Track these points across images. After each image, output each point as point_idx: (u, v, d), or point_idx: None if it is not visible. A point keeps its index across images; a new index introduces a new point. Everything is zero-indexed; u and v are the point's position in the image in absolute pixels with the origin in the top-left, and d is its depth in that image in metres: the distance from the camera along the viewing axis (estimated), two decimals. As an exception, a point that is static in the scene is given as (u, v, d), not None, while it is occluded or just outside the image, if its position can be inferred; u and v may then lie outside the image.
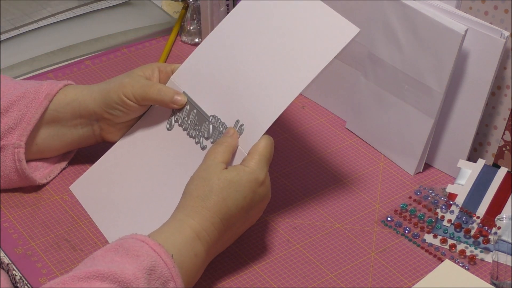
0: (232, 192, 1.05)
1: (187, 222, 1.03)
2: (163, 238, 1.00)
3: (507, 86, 1.21)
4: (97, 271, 0.93)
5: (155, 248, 0.97)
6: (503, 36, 1.16)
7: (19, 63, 1.47)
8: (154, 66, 1.22)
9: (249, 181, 1.06)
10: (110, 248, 0.97)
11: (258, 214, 1.10)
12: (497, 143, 1.24)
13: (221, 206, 1.04)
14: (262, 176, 1.07)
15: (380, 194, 1.23)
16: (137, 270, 0.94)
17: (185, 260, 1.00)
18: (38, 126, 1.19)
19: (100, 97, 1.18)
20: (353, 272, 1.11)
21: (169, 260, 0.97)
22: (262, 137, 1.10)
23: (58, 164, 1.25)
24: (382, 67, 1.27)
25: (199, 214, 1.03)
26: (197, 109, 1.18)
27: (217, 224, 1.04)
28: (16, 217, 1.18)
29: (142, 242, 0.97)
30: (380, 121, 1.29)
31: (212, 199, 1.04)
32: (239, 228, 1.08)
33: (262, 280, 1.10)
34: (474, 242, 1.14)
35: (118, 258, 0.96)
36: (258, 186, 1.07)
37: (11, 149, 1.17)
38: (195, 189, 1.05)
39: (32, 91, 1.18)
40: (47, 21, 1.56)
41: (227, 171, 1.06)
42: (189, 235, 1.02)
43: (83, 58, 1.50)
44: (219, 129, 1.15)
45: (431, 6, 1.20)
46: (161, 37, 1.56)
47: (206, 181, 1.05)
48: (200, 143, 1.16)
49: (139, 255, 0.96)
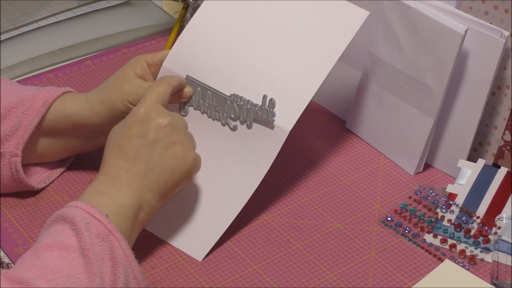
0: (117, 128, 1.09)
1: (99, 180, 1.06)
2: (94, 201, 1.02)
3: (507, 86, 1.21)
4: (44, 243, 0.96)
5: (88, 209, 0.99)
6: (503, 36, 1.16)
7: (19, 63, 1.46)
8: (141, 62, 1.19)
9: (129, 115, 1.09)
10: (52, 220, 1.00)
11: (175, 157, 1.08)
12: (497, 143, 1.24)
13: (112, 140, 1.09)
14: (141, 111, 1.08)
15: (380, 194, 1.23)
16: (77, 232, 0.96)
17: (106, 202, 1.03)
18: (37, 135, 1.18)
19: (105, 110, 1.16)
20: (353, 272, 1.11)
21: (103, 218, 0.99)
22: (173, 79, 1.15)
23: (57, 169, 1.24)
24: (382, 67, 1.27)
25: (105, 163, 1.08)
26: (211, 91, 1.17)
27: (116, 160, 1.07)
28: (16, 217, 1.18)
29: (75, 207, 0.99)
30: (380, 121, 1.29)
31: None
32: (157, 157, 1.07)
33: (262, 280, 1.10)
34: (474, 242, 1.14)
35: (59, 226, 0.98)
36: (140, 120, 1.07)
37: (8, 157, 1.16)
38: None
39: (30, 98, 1.17)
40: (47, 21, 1.56)
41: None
42: (98, 188, 1.05)
43: (83, 58, 1.50)
44: (246, 106, 1.15)
45: (431, 6, 1.20)
46: (161, 37, 1.56)
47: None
48: (229, 124, 1.16)
49: (75, 218, 0.98)
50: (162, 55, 1.20)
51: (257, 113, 1.14)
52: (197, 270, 1.11)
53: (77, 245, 0.95)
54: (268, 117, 1.14)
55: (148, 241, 1.14)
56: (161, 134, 1.07)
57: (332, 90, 1.37)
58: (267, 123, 1.14)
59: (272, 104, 1.13)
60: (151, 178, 1.06)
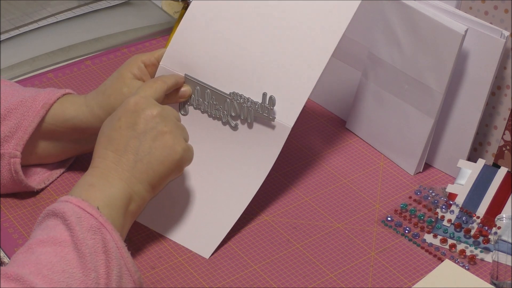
0: (108, 120, 1.09)
1: (89, 173, 1.06)
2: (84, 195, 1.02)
3: (507, 86, 1.21)
4: (37, 239, 0.96)
5: (78, 203, 0.99)
6: (503, 36, 1.16)
7: (19, 63, 1.47)
8: (138, 62, 1.19)
9: (120, 107, 1.09)
10: (44, 215, 1.00)
11: (165, 147, 1.07)
12: (497, 143, 1.24)
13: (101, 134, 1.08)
14: (131, 101, 1.08)
15: (380, 194, 1.23)
16: (69, 227, 0.96)
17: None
18: (37, 137, 1.18)
19: (104, 113, 1.16)
20: (353, 272, 1.11)
21: (94, 211, 0.98)
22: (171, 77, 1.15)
23: (57, 169, 1.24)
24: (382, 67, 1.27)
25: (96, 155, 1.08)
26: (210, 89, 1.17)
27: (107, 152, 1.06)
28: (16, 217, 1.18)
29: (66, 202, 0.99)
30: (380, 121, 1.29)
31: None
32: (145, 148, 1.07)
33: (262, 280, 1.10)
34: (474, 242, 1.14)
35: (51, 222, 0.98)
36: (130, 111, 1.07)
37: (7, 158, 1.16)
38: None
39: (30, 99, 1.16)
40: (47, 21, 1.56)
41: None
42: (88, 181, 1.04)
43: (83, 58, 1.50)
44: (246, 104, 1.15)
45: (431, 6, 1.20)
46: (161, 37, 1.56)
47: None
48: (229, 123, 1.16)
49: (66, 213, 0.98)
50: (158, 54, 1.20)
51: (257, 111, 1.14)
52: (197, 270, 1.11)
53: (69, 240, 0.95)
54: (269, 114, 1.14)
55: (148, 241, 1.14)
56: (150, 124, 1.07)
57: (332, 90, 1.37)
58: (268, 120, 1.14)
59: (272, 102, 1.13)
60: (140, 169, 1.06)
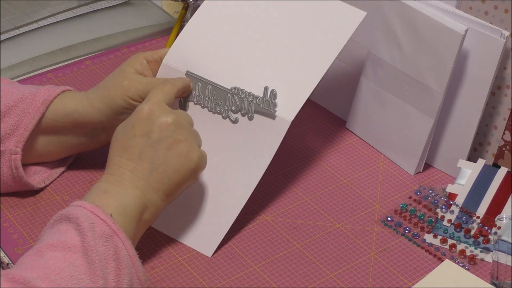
0: (121, 127, 1.09)
1: (104, 179, 1.06)
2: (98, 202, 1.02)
3: (507, 86, 1.21)
4: (47, 243, 0.95)
5: (92, 209, 0.99)
6: (503, 36, 1.16)
7: (19, 63, 1.46)
8: (141, 58, 1.19)
9: (133, 114, 1.09)
10: (56, 219, 0.99)
11: (180, 156, 1.07)
12: (497, 143, 1.24)
13: (116, 141, 1.08)
14: (145, 109, 1.08)
15: (380, 194, 1.23)
16: (81, 233, 0.96)
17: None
18: (37, 133, 1.18)
19: (105, 106, 1.16)
20: (353, 272, 1.11)
21: (107, 218, 0.98)
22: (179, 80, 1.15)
23: (57, 168, 1.24)
24: (382, 67, 1.27)
25: (111, 162, 1.07)
26: (211, 85, 1.17)
27: (122, 160, 1.06)
28: (16, 217, 1.18)
29: (80, 207, 0.99)
30: (380, 121, 1.29)
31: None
32: (163, 158, 1.07)
33: (262, 280, 1.10)
34: (474, 242, 1.14)
35: (63, 226, 0.98)
36: (144, 119, 1.07)
37: (8, 155, 1.16)
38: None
39: (30, 96, 1.17)
40: (47, 21, 1.56)
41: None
42: (103, 188, 1.04)
43: (83, 58, 1.50)
44: (247, 99, 1.15)
45: (431, 6, 1.20)
46: (161, 37, 1.56)
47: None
48: (229, 117, 1.16)
49: (79, 218, 0.98)
50: (162, 53, 1.20)
51: (258, 104, 1.14)
52: (197, 270, 1.11)
53: (80, 246, 0.95)
54: (269, 108, 1.14)
55: (148, 241, 1.14)
56: (165, 132, 1.07)
57: (332, 90, 1.37)
58: (269, 114, 1.14)
59: (273, 95, 1.13)
60: (156, 178, 1.06)
